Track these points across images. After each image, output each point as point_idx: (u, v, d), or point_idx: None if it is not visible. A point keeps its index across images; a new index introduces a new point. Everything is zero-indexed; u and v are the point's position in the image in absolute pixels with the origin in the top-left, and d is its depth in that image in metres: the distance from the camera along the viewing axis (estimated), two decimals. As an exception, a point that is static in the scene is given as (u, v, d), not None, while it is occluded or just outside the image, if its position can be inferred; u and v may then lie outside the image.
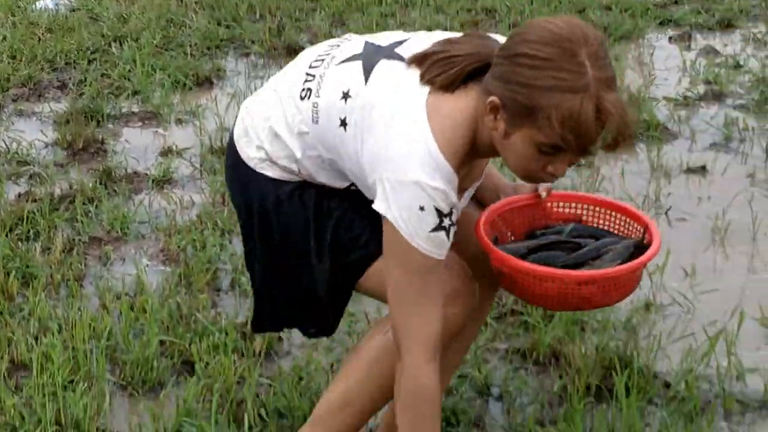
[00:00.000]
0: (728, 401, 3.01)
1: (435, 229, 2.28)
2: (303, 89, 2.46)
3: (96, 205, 4.24)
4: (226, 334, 3.30)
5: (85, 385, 3.04)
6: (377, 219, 2.37)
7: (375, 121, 2.33)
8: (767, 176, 4.52)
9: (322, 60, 2.48)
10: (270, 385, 3.08)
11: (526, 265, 2.43)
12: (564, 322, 3.32)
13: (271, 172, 2.52)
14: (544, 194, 2.62)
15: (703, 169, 4.61)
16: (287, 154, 2.49)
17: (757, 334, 3.37)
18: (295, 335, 3.42)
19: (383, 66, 2.39)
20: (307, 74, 2.48)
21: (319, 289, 2.54)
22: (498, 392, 3.12)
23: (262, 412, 2.95)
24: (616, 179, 4.48)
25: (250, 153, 2.54)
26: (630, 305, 3.44)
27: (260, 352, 3.27)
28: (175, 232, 4.04)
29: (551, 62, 2.20)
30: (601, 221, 2.65)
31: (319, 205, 2.51)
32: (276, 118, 2.50)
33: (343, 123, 2.38)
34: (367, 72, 2.39)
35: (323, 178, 2.50)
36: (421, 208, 2.27)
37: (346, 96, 2.39)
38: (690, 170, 4.60)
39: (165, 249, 3.95)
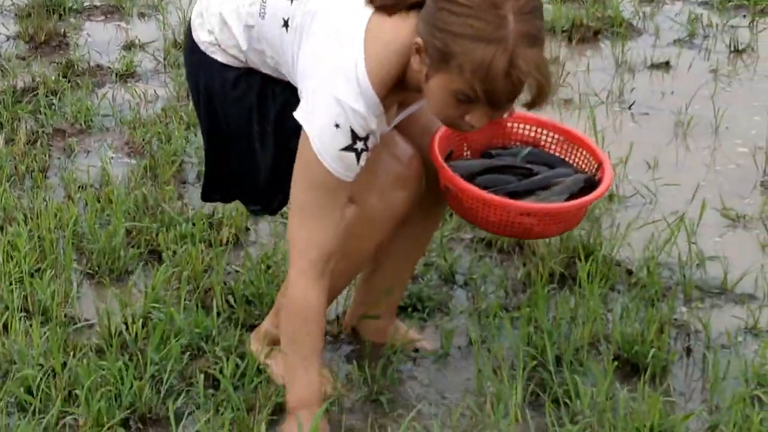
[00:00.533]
0: (688, 287, 3.07)
1: (345, 149, 2.29)
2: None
3: (59, 98, 4.21)
4: (193, 224, 3.31)
5: (53, 272, 3.06)
6: None
7: (315, 31, 2.33)
8: (730, 71, 4.54)
9: None
10: (238, 273, 3.09)
11: (472, 188, 2.44)
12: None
13: (220, 57, 2.55)
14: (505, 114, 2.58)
15: (667, 65, 4.63)
16: (234, 43, 2.51)
17: (717, 223, 3.43)
18: (262, 227, 3.45)
19: None
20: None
21: (263, 173, 2.59)
22: (463, 280, 3.16)
23: (230, 299, 2.97)
24: (581, 75, 4.50)
25: (201, 36, 2.57)
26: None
27: (228, 242, 3.29)
28: (139, 125, 4.02)
29: (471, 10, 2.16)
30: (558, 149, 2.67)
31: (263, 90, 2.53)
32: (227, 6, 2.51)
33: (286, 24, 2.40)
34: None
35: (268, 71, 2.52)
36: (337, 126, 2.28)
37: (286, 21, 2.40)
38: (654, 66, 4.62)
39: (130, 142, 3.93)
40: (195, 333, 2.80)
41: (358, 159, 2.32)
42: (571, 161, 2.65)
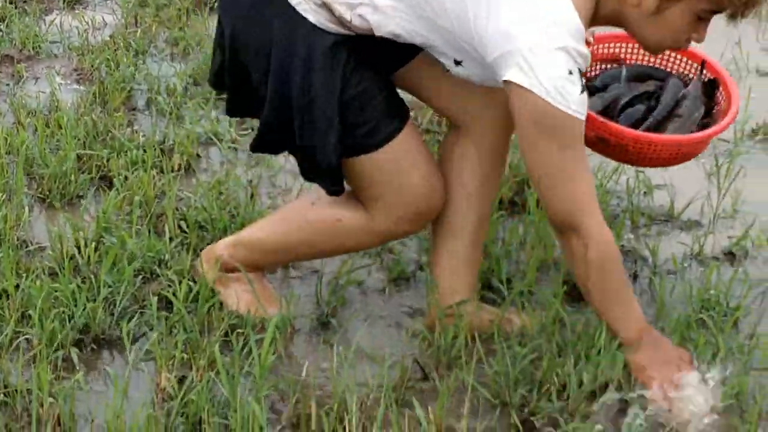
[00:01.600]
0: (636, 215, 3.12)
1: (582, 91, 2.22)
2: None
3: (7, 24, 4.17)
4: (144, 151, 3.30)
5: (4, 196, 3.04)
6: (391, 110, 2.42)
7: None
8: None
9: None
10: (190, 199, 3.10)
11: (644, 134, 2.48)
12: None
13: (313, 17, 2.34)
14: (591, 39, 2.60)
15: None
16: (345, 7, 2.32)
17: (664, 153, 3.47)
18: (214, 153, 3.45)
19: None
20: None
21: (319, 153, 2.43)
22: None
23: (183, 224, 2.98)
24: None
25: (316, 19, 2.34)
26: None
27: (179, 168, 3.29)
28: (88, 51, 4.00)
29: None
30: (642, 58, 2.69)
31: (345, 72, 2.37)
32: None
33: None
34: None
35: (388, 30, 2.35)
36: (570, 72, 2.20)
37: None
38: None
39: (78, 68, 3.91)
40: (147, 257, 2.81)
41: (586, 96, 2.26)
42: (665, 66, 2.67)
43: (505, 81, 2.23)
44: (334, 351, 2.52)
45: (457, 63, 2.37)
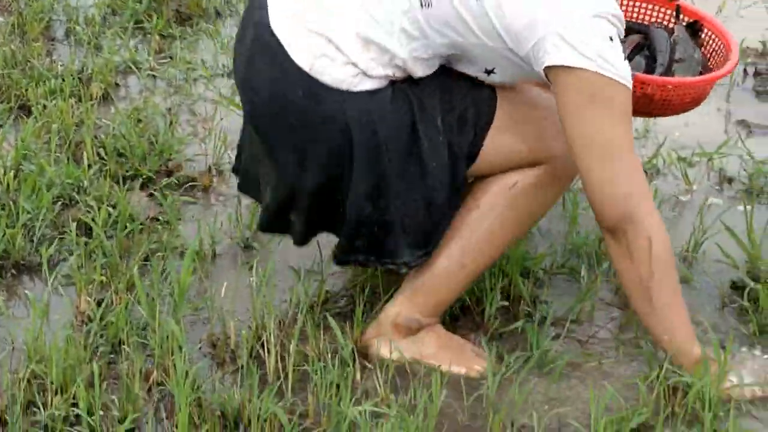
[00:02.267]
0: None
1: (625, 58, 2.09)
2: None
3: None
4: (63, 80, 3.30)
5: None
6: (472, 87, 2.22)
7: None
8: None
9: None
10: (108, 127, 3.10)
11: (671, 79, 2.38)
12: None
13: (368, 85, 2.17)
14: None
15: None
16: (385, 60, 2.16)
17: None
18: (132, 82, 3.46)
19: None
20: None
21: (438, 195, 2.23)
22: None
23: (101, 152, 2.99)
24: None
25: (336, 74, 2.16)
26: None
27: (97, 97, 3.29)
28: (5, -18, 3.96)
29: None
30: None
31: (420, 101, 2.20)
32: (364, 22, 2.14)
33: None
34: None
35: (421, 71, 2.20)
36: (611, 39, 2.06)
37: None
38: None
39: (-4, -1, 3.88)
40: (66, 184, 2.82)
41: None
42: (640, 19, 2.60)
43: (546, 68, 2.07)
44: (253, 272, 2.56)
45: (489, 72, 2.20)
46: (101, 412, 2.12)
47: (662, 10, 2.60)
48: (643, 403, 2.18)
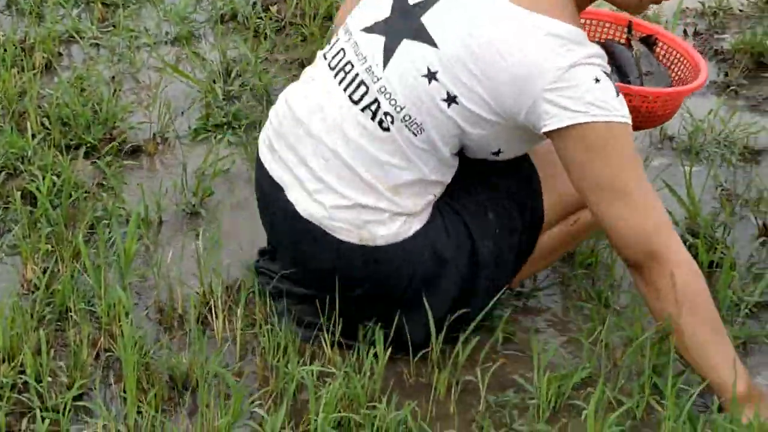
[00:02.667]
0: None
1: (617, 94, 2.06)
2: (374, 117, 2.13)
3: None
4: (5, 49, 3.28)
5: None
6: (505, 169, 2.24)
7: (487, 60, 2.05)
8: None
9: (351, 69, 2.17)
10: (52, 96, 3.09)
11: (658, 90, 2.35)
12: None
13: (418, 223, 2.18)
14: None
15: None
16: (419, 189, 2.16)
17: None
18: (75, 51, 3.45)
19: (407, 45, 2.12)
20: (363, 108, 2.14)
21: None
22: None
23: (45, 121, 2.98)
24: None
25: (387, 232, 2.16)
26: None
27: (41, 66, 3.28)
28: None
29: None
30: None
31: (464, 207, 2.25)
32: (380, 173, 2.14)
33: (450, 99, 2.09)
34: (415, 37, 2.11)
35: (450, 174, 2.21)
36: (597, 80, 2.03)
37: (431, 76, 2.09)
38: None
39: (-64, -32, 3.84)
40: (10, 153, 2.81)
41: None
42: (596, 38, 2.56)
43: (545, 134, 2.08)
44: (200, 238, 2.57)
45: (496, 153, 2.19)
46: (49, 379, 2.13)
47: (614, 26, 2.57)
48: (586, 359, 2.22)
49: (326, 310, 2.22)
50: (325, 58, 2.23)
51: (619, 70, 2.43)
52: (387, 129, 2.13)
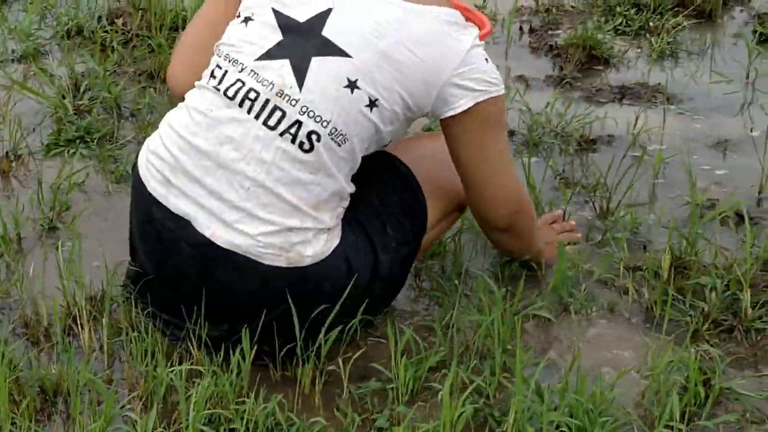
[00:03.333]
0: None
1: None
2: (294, 141, 2.18)
3: None
4: None
5: None
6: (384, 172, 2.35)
7: (399, 58, 2.19)
8: None
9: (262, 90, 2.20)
10: None
11: None
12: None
13: (335, 238, 2.25)
14: None
15: None
16: (335, 203, 2.25)
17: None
18: None
19: (318, 61, 2.20)
20: (282, 133, 2.18)
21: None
22: (128, 111, 3.29)
23: None
24: None
25: (310, 252, 2.21)
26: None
27: None
28: None
29: None
30: None
31: (365, 217, 2.34)
32: (314, 191, 2.20)
33: (372, 103, 2.19)
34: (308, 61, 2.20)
35: (351, 185, 2.29)
36: (486, 60, 2.27)
37: (352, 85, 2.18)
38: None
39: None
40: None
41: None
42: None
43: (446, 119, 2.27)
44: (60, 252, 2.61)
45: (385, 146, 2.34)
46: None
47: None
48: (438, 344, 2.34)
49: (193, 314, 2.27)
50: (218, 90, 2.23)
51: None
52: (309, 150, 2.17)
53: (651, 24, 3.81)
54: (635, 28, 3.81)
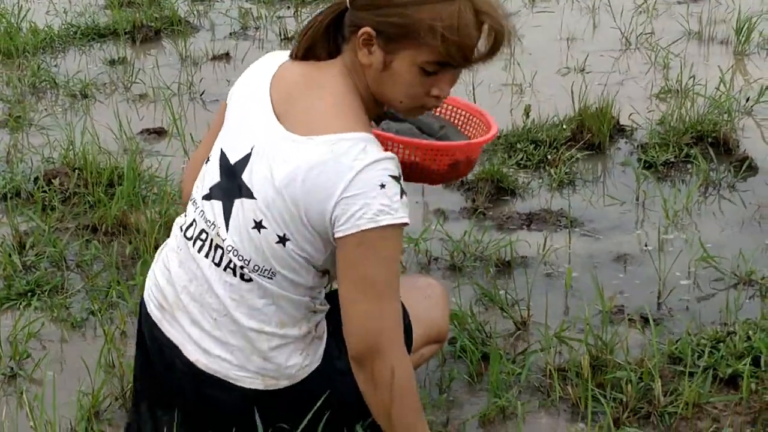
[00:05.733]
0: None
1: (403, 193, 2.18)
2: (235, 274, 2.30)
3: None
4: None
5: None
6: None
7: (292, 191, 2.20)
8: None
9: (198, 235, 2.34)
10: None
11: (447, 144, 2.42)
12: (126, 195, 3.73)
13: (321, 346, 2.38)
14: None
15: (227, 56, 5.21)
16: (303, 313, 2.34)
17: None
18: None
19: (239, 204, 2.29)
20: (225, 268, 2.30)
21: None
22: (74, 263, 3.48)
23: None
24: (150, 71, 4.93)
25: (299, 361, 2.34)
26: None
27: None
28: None
29: None
30: None
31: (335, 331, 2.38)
32: (270, 312, 2.31)
33: (282, 239, 2.25)
34: (227, 211, 2.30)
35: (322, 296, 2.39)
36: (382, 186, 2.15)
37: (258, 226, 2.25)
38: (216, 58, 5.20)
39: None
40: None
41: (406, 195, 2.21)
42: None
43: (340, 241, 2.20)
44: (24, 398, 2.75)
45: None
46: None
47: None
48: None
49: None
50: (182, 230, 2.39)
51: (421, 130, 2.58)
52: (249, 280, 2.29)
53: (549, 157, 4.15)
54: (535, 161, 4.14)
